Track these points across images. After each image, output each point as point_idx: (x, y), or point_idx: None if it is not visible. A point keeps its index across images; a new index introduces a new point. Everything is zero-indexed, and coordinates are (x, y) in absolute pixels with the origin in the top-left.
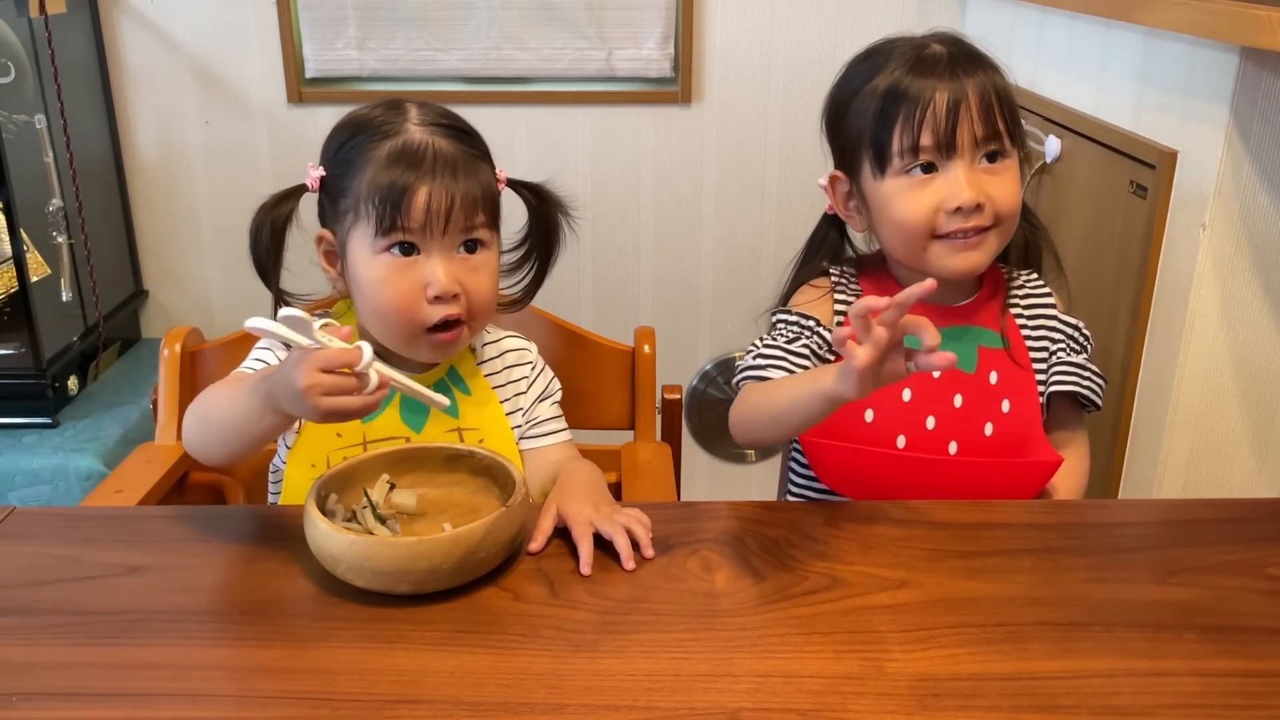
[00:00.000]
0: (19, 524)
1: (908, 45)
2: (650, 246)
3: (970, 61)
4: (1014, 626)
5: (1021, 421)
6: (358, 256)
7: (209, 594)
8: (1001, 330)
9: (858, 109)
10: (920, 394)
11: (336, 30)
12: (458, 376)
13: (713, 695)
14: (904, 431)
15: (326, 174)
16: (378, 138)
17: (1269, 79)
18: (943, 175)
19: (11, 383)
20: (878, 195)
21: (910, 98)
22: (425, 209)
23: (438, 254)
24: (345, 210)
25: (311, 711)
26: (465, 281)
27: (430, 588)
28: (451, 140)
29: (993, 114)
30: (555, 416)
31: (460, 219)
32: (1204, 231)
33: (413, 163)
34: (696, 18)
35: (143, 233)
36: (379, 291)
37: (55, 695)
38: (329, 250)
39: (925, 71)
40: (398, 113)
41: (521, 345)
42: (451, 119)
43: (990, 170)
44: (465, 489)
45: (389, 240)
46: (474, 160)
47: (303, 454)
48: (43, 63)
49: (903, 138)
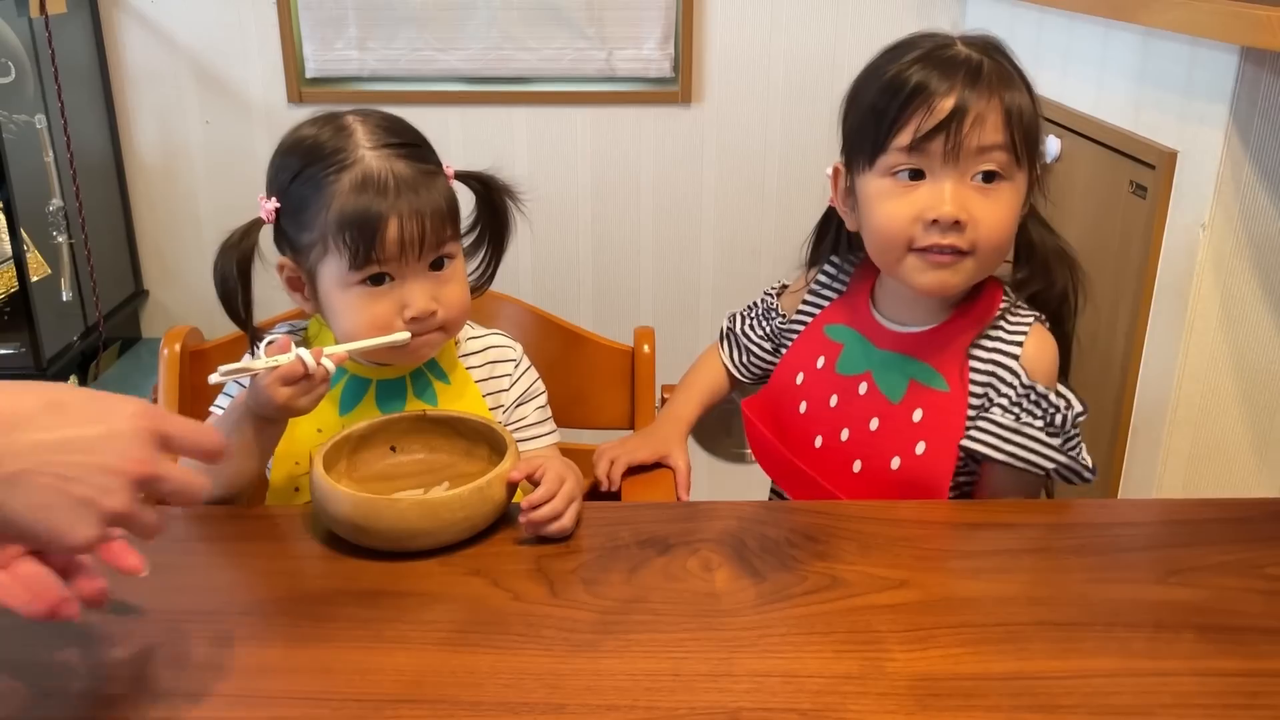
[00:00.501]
0: None
1: (934, 41)
2: (650, 246)
3: (991, 72)
4: (1014, 626)
5: (931, 466)
6: (329, 288)
7: (209, 594)
8: (948, 372)
9: (862, 98)
10: (843, 405)
11: (336, 30)
12: (437, 367)
13: (713, 695)
14: (823, 433)
15: (281, 205)
16: (334, 169)
17: (1269, 79)
18: (929, 184)
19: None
20: (865, 193)
21: (911, 93)
22: (399, 240)
23: (411, 278)
24: (310, 243)
25: (311, 711)
26: (439, 296)
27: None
28: (406, 160)
29: (1000, 132)
30: (541, 420)
31: (432, 241)
32: (1204, 231)
33: (378, 193)
34: (696, 18)
35: (143, 233)
36: (356, 319)
37: (56, 695)
38: (292, 276)
39: (937, 70)
40: (344, 135)
41: (505, 344)
42: (399, 133)
43: (983, 190)
44: (454, 454)
45: (363, 274)
46: (431, 176)
47: (287, 453)
48: (43, 63)
49: (893, 135)
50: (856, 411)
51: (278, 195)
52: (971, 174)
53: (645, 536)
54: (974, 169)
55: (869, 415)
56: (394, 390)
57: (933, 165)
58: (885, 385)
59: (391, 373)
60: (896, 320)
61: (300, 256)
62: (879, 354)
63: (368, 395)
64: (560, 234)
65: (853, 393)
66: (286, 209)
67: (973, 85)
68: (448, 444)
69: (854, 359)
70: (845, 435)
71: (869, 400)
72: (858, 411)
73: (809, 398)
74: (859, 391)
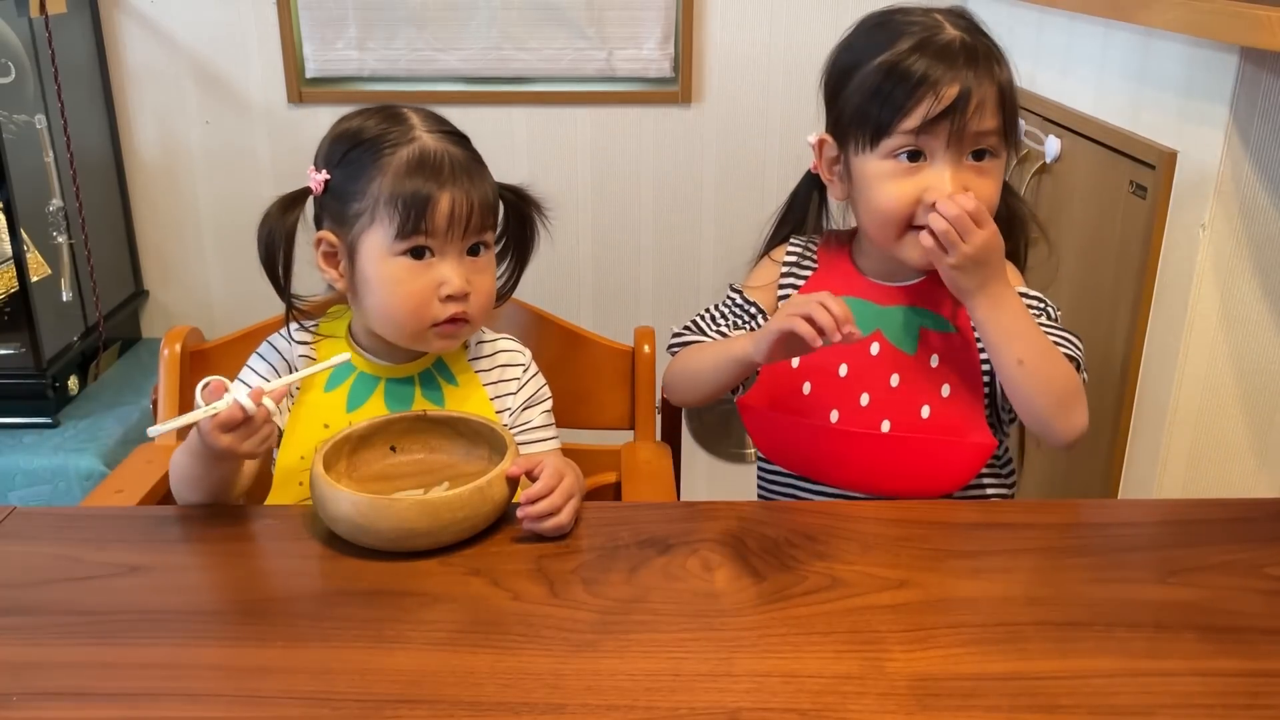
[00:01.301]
0: (19, 524)
1: (922, 23)
2: (650, 246)
3: (983, 53)
4: (1014, 626)
5: (961, 406)
6: (370, 257)
7: (209, 594)
8: (951, 313)
9: (860, 81)
10: (856, 370)
11: (336, 30)
12: (445, 367)
13: (713, 695)
14: (838, 406)
15: (331, 178)
16: (389, 145)
17: (1269, 79)
18: (930, 167)
19: (11, 383)
20: (863, 172)
21: (915, 81)
22: (449, 215)
23: (451, 256)
24: (357, 214)
25: (311, 711)
26: (473, 281)
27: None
28: (459, 148)
29: (994, 113)
30: (545, 425)
31: (476, 222)
32: (1204, 231)
33: (434, 171)
34: (696, 18)
35: (143, 233)
36: (393, 291)
37: (55, 695)
38: (328, 251)
39: (936, 57)
40: (401, 121)
41: (515, 349)
42: (452, 126)
43: (977, 169)
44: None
45: (408, 244)
46: (481, 166)
47: (292, 447)
48: (43, 63)
49: (899, 121)
50: (873, 373)
51: (328, 168)
52: (966, 154)
53: (645, 536)
54: (970, 149)
55: (888, 373)
56: (402, 389)
57: (934, 147)
58: (898, 339)
59: (400, 371)
60: (888, 278)
61: (344, 229)
62: (887, 311)
63: (376, 393)
64: (560, 234)
65: (864, 356)
66: (336, 181)
67: (973, 70)
68: (448, 444)
69: (858, 321)
70: (866, 400)
71: (884, 358)
72: (875, 372)
73: (811, 377)
74: (871, 353)
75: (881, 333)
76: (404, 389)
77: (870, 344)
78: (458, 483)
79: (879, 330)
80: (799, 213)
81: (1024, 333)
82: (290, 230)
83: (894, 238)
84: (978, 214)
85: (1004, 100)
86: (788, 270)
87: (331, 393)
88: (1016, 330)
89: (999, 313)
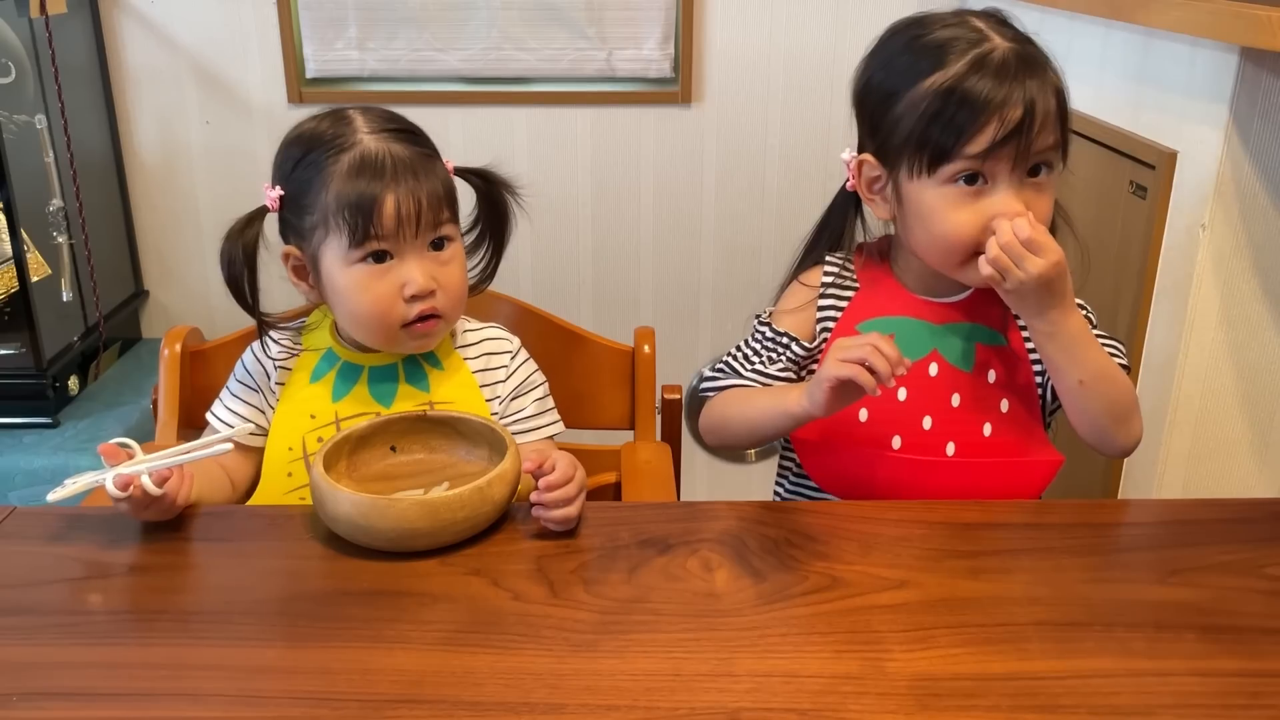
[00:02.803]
0: (19, 524)
1: (966, 37)
2: (650, 246)
3: (1040, 63)
4: (1014, 626)
5: (1021, 421)
6: (332, 268)
7: (209, 594)
8: (1001, 324)
9: (911, 103)
10: (916, 394)
11: (336, 30)
12: (431, 354)
13: (713, 695)
14: (900, 432)
15: (285, 193)
16: (333, 152)
17: (1269, 79)
18: (993, 192)
19: (11, 383)
20: (920, 199)
21: (979, 105)
22: (395, 215)
23: (411, 256)
24: (312, 226)
25: (311, 711)
26: (438, 277)
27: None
28: (404, 144)
29: (1055, 125)
30: (540, 412)
31: (429, 218)
32: (1204, 231)
33: (375, 172)
34: (696, 18)
35: (143, 233)
36: (358, 298)
37: (55, 695)
38: (297, 265)
39: (997, 76)
40: (345, 123)
41: (502, 336)
42: (398, 122)
43: (1036, 186)
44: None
45: (363, 250)
46: (429, 160)
47: (280, 439)
48: (43, 63)
49: (962, 146)
50: (934, 395)
51: (281, 183)
52: (1026, 170)
53: (645, 536)
54: (1030, 165)
55: (948, 393)
56: (386, 375)
57: (998, 171)
58: (955, 358)
59: (383, 359)
60: (936, 294)
61: (304, 242)
62: (942, 329)
63: (360, 381)
64: (560, 234)
65: (923, 378)
66: (290, 196)
67: (1027, 84)
68: (448, 444)
69: (914, 343)
70: (929, 423)
71: (943, 378)
72: (935, 394)
73: (868, 404)
74: (930, 374)
75: (938, 352)
76: (388, 375)
77: (928, 365)
78: (458, 483)
79: (935, 350)
80: (836, 231)
81: (1085, 354)
82: (249, 249)
83: (958, 264)
84: (1032, 242)
85: (1061, 109)
86: (827, 292)
87: (316, 384)
88: (1077, 353)
89: (1060, 337)
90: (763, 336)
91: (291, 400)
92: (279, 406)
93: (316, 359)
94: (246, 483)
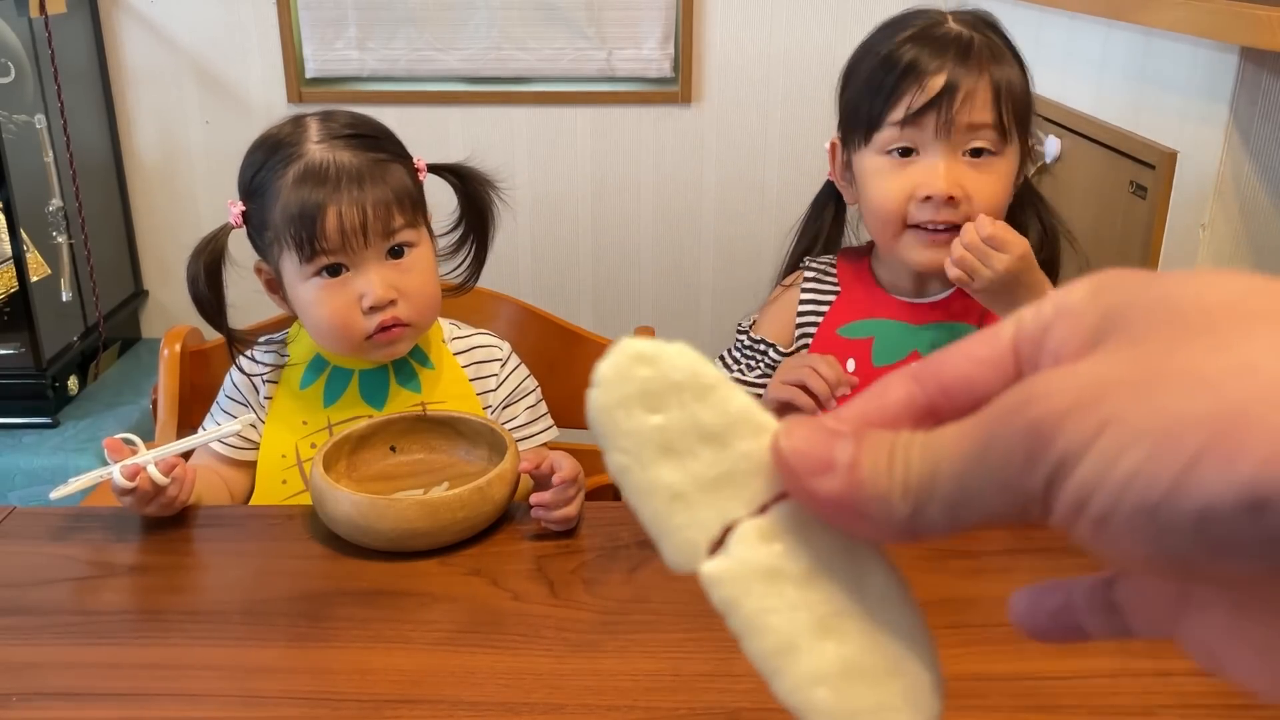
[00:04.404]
0: (19, 524)
1: (927, 18)
2: (650, 246)
3: (984, 49)
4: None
5: None
6: (293, 283)
7: (209, 594)
8: (980, 323)
9: (858, 74)
10: None
11: (336, 30)
12: (419, 351)
13: (713, 695)
14: None
15: (247, 207)
16: (281, 164)
17: (1269, 79)
18: (921, 161)
19: (11, 383)
20: (860, 170)
21: (903, 70)
22: (339, 228)
23: (367, 265)
24: (270, 242)
25: (311, 711)
26: (399, 285)
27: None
28: (353, 150)
29: (989, 110)
30: (533, 420)
31: (378, 227)
32: (1204, 231)
33: (317, 183)
34: (696, 18)
35: (143, 233)
36: (317, 313)
37: (55, 695)
38: (269, 279)
39: (929, 47)
40: (299, 130)
41: (492, 343)
42: (354, 126)
43: (974, 165)
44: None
45: (314, 265)
46: (379, 165)
47: (273, 445)
48: (43, 63)
49: (887, 112)
50: None
51: (243, 197)
52: (962, 150)
53: (645, 536)
54: (965, 145)
55: None
56: (377, 379)
57: (925, 141)
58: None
59: (372, 363)
60: (915, 294)
61: (268, 258)
62: (921, 330)
63: (350, 387)
64: (560, 234)
65: None
66: (251, 210)
67: (963, 62)
68: (448, 444)
69: (893, 346)
70: None
71: None
72: None
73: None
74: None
75: (919, 353)
76: (378, 379)
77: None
78: (458, 483)
79: (915, 352)
80: (817, 223)
81: None
82: (211, 266)
83: (892, 237)
84: (994, 239)
85: (1000, 96)
86: (807, 296)
87: (307, 390)
88: None
89: None
90: (741, 345)
91: (283, 408)
92: (270, 415)
93: (303, 367)
94: (243, 495)
